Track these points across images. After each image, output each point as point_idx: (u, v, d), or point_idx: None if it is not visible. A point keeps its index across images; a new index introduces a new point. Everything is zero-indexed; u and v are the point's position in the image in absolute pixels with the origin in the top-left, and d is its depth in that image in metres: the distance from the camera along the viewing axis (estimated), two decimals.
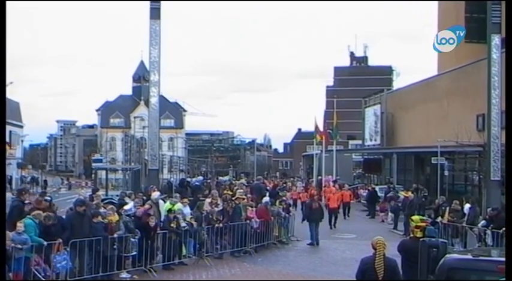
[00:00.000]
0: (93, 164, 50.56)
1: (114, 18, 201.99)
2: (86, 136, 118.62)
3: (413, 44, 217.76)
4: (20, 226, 12.66)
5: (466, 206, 22.09)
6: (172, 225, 16.44)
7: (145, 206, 16.79)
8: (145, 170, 34.04)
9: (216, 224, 18.14)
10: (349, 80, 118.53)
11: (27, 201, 15.02)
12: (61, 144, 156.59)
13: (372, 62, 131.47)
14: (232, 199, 20.03)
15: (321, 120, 42.53)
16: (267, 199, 22.13)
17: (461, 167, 32.81)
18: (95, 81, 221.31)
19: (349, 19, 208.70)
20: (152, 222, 15.64)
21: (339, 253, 20.67)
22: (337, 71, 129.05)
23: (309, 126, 45.85)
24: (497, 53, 24.41)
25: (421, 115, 43.66)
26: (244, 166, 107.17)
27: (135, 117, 74.15)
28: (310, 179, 51.47)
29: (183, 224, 16.95)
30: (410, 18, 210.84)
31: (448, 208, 21.75)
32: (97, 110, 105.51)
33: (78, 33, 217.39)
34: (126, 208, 16.59)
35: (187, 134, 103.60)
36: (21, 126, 69.26)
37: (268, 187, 32.92)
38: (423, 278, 9.23)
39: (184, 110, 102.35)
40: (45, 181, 69.35)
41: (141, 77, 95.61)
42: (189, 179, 37.26)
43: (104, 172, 41.27)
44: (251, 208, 20.15)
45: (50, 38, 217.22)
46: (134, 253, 15.16)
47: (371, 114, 56.27)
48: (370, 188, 39.08)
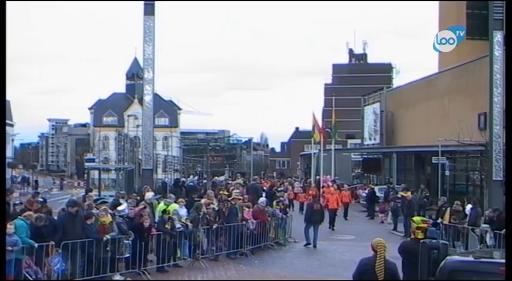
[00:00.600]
0: (86, 164, 50.40)
1: (107, 14, 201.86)
2: (78, 135, 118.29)
3: (413, 41, 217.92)
4: (10, 227, 12.63)
5: (468, 206, 22.14)
6: (166, 226, 16.43)
7: (139, 207, 16.79)
8: (139, 170, 34.04)
9: (214, 225, 18.12)
10: (348, 78, 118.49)
11: (18, 201, 15.00)
12: (53, 143, 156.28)
13: (371, 59, 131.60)
14: (228, 199, 20.03)
15: (319, 118, 42.28)
16: (263, 199, 22.14)
17: (462, 166, 32.95)
18: (87, 79, 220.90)
19: (348, 15, 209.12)
20: (146, 223, 15.63)
21: (338, 255, 20.67)
22: (336, 68, 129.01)
23: (306, 125, 46.05)
24: (499, 50, 24.49)
25: (421, 114, 43.71)
26: (241, 165, 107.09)
27: (129, 116, 73.90)
28: (308, 179, 51.50)
29: (178, 226, 16.94)
30: (411, 14, 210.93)
31: (449, 209, 21.80)
32: (90, 109, 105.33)
33: (70, 30, 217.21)
34: (119, 208, 16.57)
35: (182, 133, 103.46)
36: (12, 125, 69.19)
37: (264, 187, 32.96)
38: None
39: (179, 109, 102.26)
40: (36, 181, 69.26)
41: (135, 74, 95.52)
42: (183, 179, 37.33)
43: (97, 172, 41.19)
44: (247, 208, 20.16)
45: (41, 34, 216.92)
46: (127, 255, 15.14)
47: (370, 113, 56.31)
48: (369, 189, 39.08)
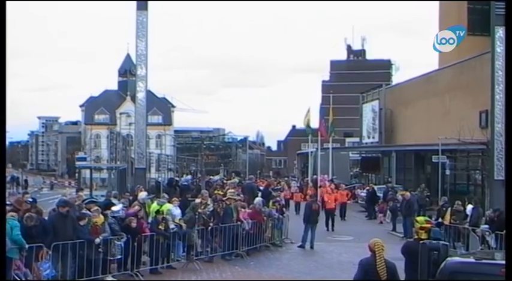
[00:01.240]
0: (77, 163, 50.38)
1: (99, 9, 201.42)
2: (69, 133, 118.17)
3: (413, 37, 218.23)
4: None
5: (469, 207, 22.17)
6: (160, 227, 16.41)
7: (135, 208, 16.72)
8: (131, 169, 33.90)
9: (209, 226, 18.11)
10: (346, 75, 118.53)
11: (7, 202, 14.93)
12: (43, 141, 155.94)
13: (370, 55, 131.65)
14: (223, 199, 20.02)
15: (316, 116, 42.33)
16: (259, 199, 22.12)
17: (463, 166, 33.00)
18: (78, 76, 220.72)
19: (346, 10, 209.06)
20: (134, 224, 15.53)
21: (335, 256, 20.68)
22: (334, 65, 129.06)
23: (303, 123, 45.75)
24: (501, 46, 24.52)
25: (421, 111, 43.78)
26: (236, 164, 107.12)
27: (121, 114, 73.75)
28: (305, 179, 51.54)
29: (172, 226, 16.92)
30: (411, 9, 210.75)
31: (449, 209, 21.83)
32: (81, 106, 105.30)
33: (60, 25, 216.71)
34: (114, 209, 16.47)
35: (175, 131, 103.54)
36: None
37: (260, 187, 32.93)
38: None
39: (173, 106, 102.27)
40: (26, 181, 68.96)
41: (128, 71, 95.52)
42: (177, 179, 37.30)
43: (88, 171, 41.13)
44: (243, 209, 20.15)
45: (30, 30, 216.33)
46: (119, 257, 15.10)
47: (369, 111, 56.36)
48: (369, 188, 39.03)
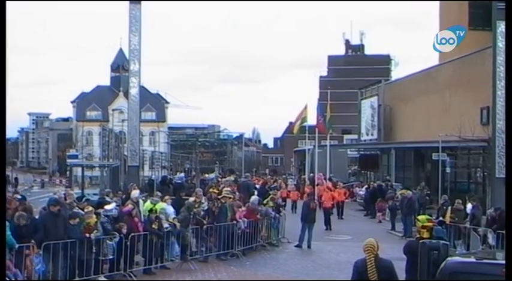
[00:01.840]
0: (68, 161, 50.38)
1: (91, 2, 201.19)
2: (60, 130, 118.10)
3: (413, 32, 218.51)
4: None
5: (469, 205, 22.19)
6: (153, 226, 16.40)
7: (129, 206, 16.70)
8: (124, 167, 33.99)
9: (204, 225, 18.11)
10: (344, 70, 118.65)
11: None
12: (33, 138, 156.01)
13: (369, 50, 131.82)
14: (218, 197, 20.02)
15: (313, 113, 42.19)
16: (255, 197, 22.13)
17: (464, 163, 32.98)
18: (70, 71, 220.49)
19: (344, 4, 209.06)
20: (124, 230, 15.46)
21: (333, 256, 20.69)
22: (332, 60, 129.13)
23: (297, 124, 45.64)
24: (503, 41, 24.54)
25: (421, 108, 43.77)
26: (231, 162, 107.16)
27: (114, 110, 73.85)
28: (302, 176, 51.53)
29: (166, 225, 16.92)
30: (410, 3, 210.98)
31: (450, 208, 21.86)
32: (72, 102, 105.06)
33: (51, 18, 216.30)
34: (107, 207, 16.43)
35: (169, 128, 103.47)
36: None
37: (257, 185, 32.97)
38: None
39: (167, 102, 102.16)
40: (16, 179, 68.89)
41: (120, 66, 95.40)
42: (171, 177, 37.35)
43: (80, 169, 41.19)
44: (239, 208, 20.14)
45: (20, 23, 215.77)
46: (111, 257, 15.09)
47: (367, 107, 56.32)
48: (370, 185, 38.81)
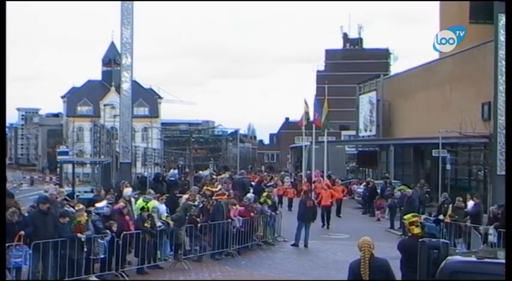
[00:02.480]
0: (58, 157, 50.27)
1: None
2: (50, 126, 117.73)
3: (412, 25, 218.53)
4: None
5: (470, 203, 22.21)
6: (146, 225, 16.38)
7: (120, 204, 16.68)
8: (116, 164, 33.85)
9: (198, 223, 18.09)
10: (342, 65, 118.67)
11: None
12: (22, 134, 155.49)
13: (367, 44, 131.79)
14: (213, 195, 20.00)
15: (311, 108, 42.26)
16: (251, 195, 22.12)
17: (464, 160, 33.04)
18: (60, 65, 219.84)
19: None
20: (115, 228, 15.47)
21: (331, 255, 20.69)
22: (329, 54, 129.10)
23: (297, 115, 45.74)
24: (504, 34, 24.54)
25: (421, 103, 43.85)
26: (226, 159, 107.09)
27: (105, 105, 73.83)
28: (298, 173, 51.57)
29: (159, 224, 16.91)
30: None
31: (450, 206, 21.88)
32: (62, 97, 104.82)
33: (40, 11, 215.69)
34: (98, 205, 16.41)
35: (163, 124, 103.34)
36: None
37: (252, 182, 32.97)
38: None
39: (160, 97, 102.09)
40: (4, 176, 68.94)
41: (112, 60, 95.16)
42: (164, 174, 37.31)
43: (71, 166, 41.04)
44: (234, 205, 20.13)
45: (8, 16, 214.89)
46: (102, 256, 15.07)
47: (366, 102, 56.41)
48: (369, 182, 38.87)
